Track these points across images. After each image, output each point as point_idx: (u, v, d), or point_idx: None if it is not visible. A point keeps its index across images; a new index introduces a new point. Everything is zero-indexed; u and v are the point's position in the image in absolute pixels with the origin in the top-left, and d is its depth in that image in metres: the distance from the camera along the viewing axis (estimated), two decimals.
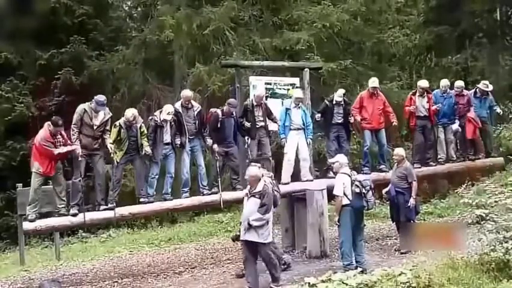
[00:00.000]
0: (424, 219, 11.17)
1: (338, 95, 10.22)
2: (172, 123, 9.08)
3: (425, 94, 10.58)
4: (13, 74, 16.68)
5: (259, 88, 10.17)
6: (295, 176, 9.98)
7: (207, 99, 15.18)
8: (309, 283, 5.63)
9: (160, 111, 9.10)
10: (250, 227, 7.12)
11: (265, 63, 12.54)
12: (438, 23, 18.60)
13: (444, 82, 10.99)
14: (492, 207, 6.90)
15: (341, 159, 8.07)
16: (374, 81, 10.46)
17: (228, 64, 12.18)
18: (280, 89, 10.65)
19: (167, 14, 15.01)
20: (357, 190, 7.58)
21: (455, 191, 11.26)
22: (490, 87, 11.38)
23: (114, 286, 8.70)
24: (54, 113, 16.38)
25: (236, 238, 8.53)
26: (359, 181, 7.64)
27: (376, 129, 10.41)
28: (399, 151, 9.40)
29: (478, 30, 18.92)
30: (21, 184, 11.18)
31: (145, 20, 17.39)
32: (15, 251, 12.55)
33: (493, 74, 17.32)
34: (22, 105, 16.15)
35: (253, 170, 7.44)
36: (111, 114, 8.81)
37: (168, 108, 9.08)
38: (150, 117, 9.23)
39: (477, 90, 11.31)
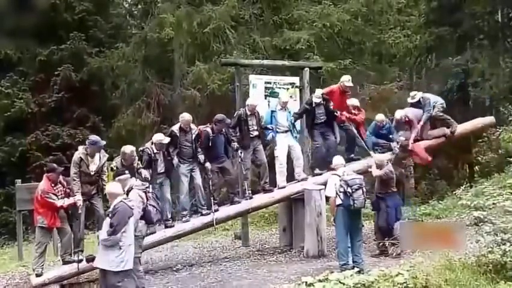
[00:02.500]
0: (422, 220, 11.14)
1: (317, 96, 9.82)
2: (165, 151, 8.95)
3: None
4: (13, 70, 16.74)
5: (252, 98, 10.09)
6: (290, 176, 9.92)
7: (206, 97, 15.21)
8: (306, 282, 5.62)
9: (152, 142, 8.93)
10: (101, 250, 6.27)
11: (265, 62, 12.55)
12: (439, 24, 18.52)
13: (379, 117, 10.31)
14: (490, 209, 6.90)
15: (336, 161, 8.06)
16: (349, 80, 10.12)
17: (228, 63, 12.18)
18: (280, 88, 10.63)
19: (168, 11, 15.01)
20: (342, 189, 7.50)
21: (453, 192, 11.26)
22: (417, 97, 10.18)
23: None
24: (53, 109, 16.56)
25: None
26: (345, 180, 7.53)
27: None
28: (380, 157, 9.23)
29: (479, 31, 18.86)
30: (20, 180, 11.21)
31: (145, 17, 17.42)
32: (13, 246, 12.56)
33: (493, 76, 17.27)
34: (21, 101, 16.21)
35: (109, 186, 6.81)
36: (107, 156, 8.59)
37: (159, 136, 8.94)
38: (142, 149, 8.95)
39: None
